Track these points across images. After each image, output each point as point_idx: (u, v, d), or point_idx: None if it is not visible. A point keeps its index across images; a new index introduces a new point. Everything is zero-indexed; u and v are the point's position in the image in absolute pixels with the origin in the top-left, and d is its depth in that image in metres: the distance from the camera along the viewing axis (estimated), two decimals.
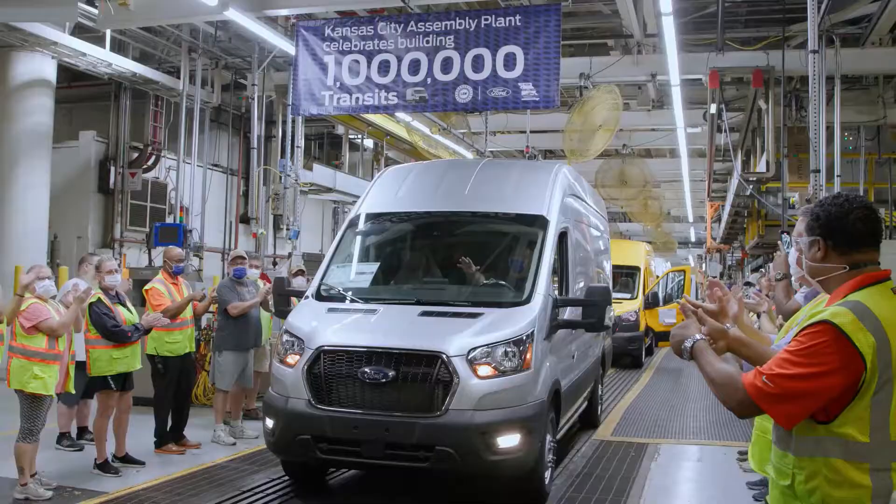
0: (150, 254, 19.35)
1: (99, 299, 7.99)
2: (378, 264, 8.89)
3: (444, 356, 6.65)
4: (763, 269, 23.40)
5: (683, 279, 23.08)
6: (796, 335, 2.87)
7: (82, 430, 9.48)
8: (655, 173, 26.34)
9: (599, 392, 11.61)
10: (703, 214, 37.81)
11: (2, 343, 6.85)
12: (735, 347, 3.13)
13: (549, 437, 7.35)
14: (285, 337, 7.36)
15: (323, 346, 6.97)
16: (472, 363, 6.68)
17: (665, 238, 41.00)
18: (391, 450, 6.68)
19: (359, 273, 8.71)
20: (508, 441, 6.64)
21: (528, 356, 6.91)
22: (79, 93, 20.01)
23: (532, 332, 7.05)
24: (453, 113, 19.02)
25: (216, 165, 22.50)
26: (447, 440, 6.53)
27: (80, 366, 8.10)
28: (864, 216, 2.99)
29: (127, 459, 8.41)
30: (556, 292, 8.06)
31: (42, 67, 15.82)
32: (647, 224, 35.93)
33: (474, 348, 6.75)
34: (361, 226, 8.85)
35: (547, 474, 7.35)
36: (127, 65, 17.26)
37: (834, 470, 2.81)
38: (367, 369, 6.71)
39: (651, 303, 21.22)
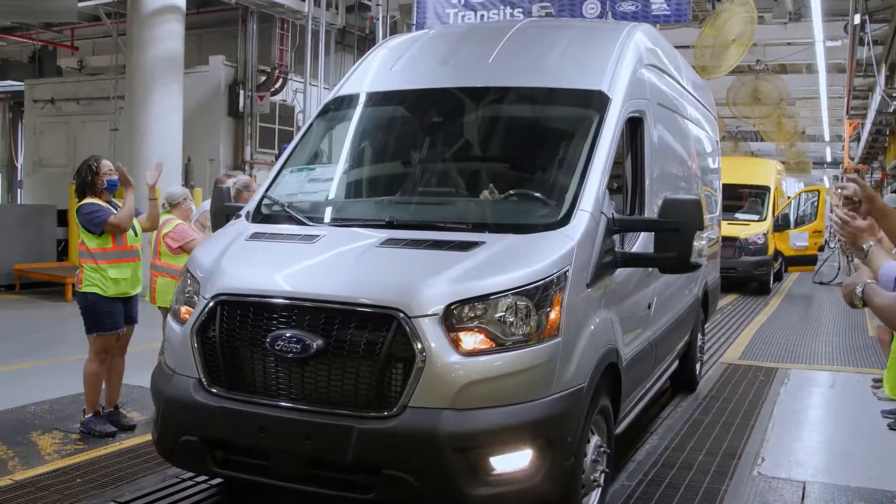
0: None
1: None
2: (347, 167, 6.10)
3: (401, 314, 4.05)
4: None
5: (818, 200, 21.96)
6: None
7: None
8: (790, 90, 25.42)
9: (699, 345, 8.78)
10: (841, 133, 36.15)
11: (139, 259, 7.13)
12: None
13: (595, 442, 4.65)
14: (186, 276, 4.90)
15: (222, 293, 4.49)
16: (451, 327, 4.07)
17: (799, 158, 39.49)
18: (314, 468, 4.21)
19: (319, 180, 6.02)
20: (510, 462, 4.07)
21: (552, 315, 4.20)
22: (207, 18, 20.54)
23: (565, 274, 4.31)
24: None
25: None
26: (400, 460, 4.00)
27: None
28: None
29: None
30: (618, 211, 5.24)
31: None
32: (781, 143, 34.67)
33: (456, 303, 4.10)
34: (336, 113, 6.22)
35: (590, 503, 4.66)
36: None
37: None
38: (283, 334, 4.20)
39: (781, 225, 20.04)
